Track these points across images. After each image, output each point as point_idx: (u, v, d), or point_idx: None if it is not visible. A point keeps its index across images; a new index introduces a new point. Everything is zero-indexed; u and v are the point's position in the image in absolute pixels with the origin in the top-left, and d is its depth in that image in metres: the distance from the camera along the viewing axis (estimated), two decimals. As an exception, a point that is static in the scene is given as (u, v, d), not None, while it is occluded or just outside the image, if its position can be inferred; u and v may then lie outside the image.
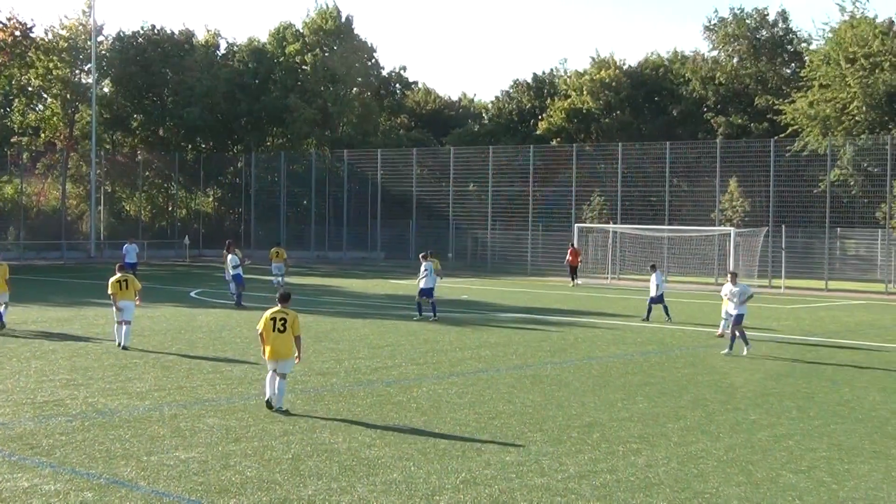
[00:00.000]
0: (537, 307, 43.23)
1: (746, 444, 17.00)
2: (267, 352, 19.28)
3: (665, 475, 14.84)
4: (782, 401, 21.18)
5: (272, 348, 19.18)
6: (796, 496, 13.95)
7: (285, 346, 19.20)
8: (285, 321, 19.13)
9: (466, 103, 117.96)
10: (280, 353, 19.17)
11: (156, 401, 19.93)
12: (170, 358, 25.73)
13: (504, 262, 71.44)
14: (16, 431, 17.04)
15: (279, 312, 19.23)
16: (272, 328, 19.14)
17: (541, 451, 16.20)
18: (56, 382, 21.76)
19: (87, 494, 13.35)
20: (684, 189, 69.87)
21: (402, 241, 78.78)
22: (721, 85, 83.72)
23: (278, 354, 19.17)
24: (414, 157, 78.96)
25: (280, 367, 19.16)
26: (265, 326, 19.22)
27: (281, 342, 19.17)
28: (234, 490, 13.66)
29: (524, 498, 13.54)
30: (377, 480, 14.24)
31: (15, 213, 79.65)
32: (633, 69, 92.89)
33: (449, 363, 25.87)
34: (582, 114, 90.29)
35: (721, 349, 29.17)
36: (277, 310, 19.32)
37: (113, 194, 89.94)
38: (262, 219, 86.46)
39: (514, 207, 72.83)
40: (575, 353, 28.50)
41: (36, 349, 27.06)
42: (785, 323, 38.57)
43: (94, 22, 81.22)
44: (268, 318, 19.23)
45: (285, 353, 19.21)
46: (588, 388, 22.28)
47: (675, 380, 23.74)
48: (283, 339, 19.15)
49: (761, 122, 78.76)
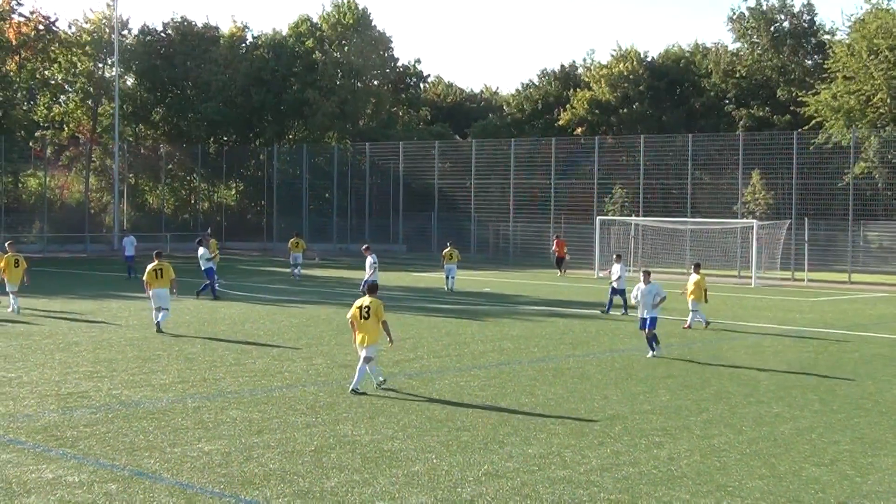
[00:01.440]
0: (559, 300, 43.19)
1: (769, 437, 16.95)
2: (357, 339, 20.60)
3: (688, 468, 14.82)
4: (805, 394, 21.12)
5: (358, 334, 20.57)
6: (819, 489, 13.91)
7: (369, 331, 20.44)
8: (369, 309, 20.45)
9: (489, 95, 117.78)
10: (364, 339, 20.44)
11: (179, 393, 20.00)
12: (193, 350, 25.81)
13: (526, 255, 71.38)
14: (40, 423, 17.13)
15: (366, 301, 20.65)
16: (360, 316, 20.54)
17: (563, 443, 16.19)
18: (80, 374, 21.86)
19: (110, 486, 13.41)
20: (706, 181, 69.68)
21: (423, 233, 78.79)
22: (743, 77, 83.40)
23: (362, 340, 20.45)
24: (436, 150, 78.96)
25: (367, 352, 20.40)
26: (354, 315, 20.65)
27: (365, 328, 20.43)
28: (257, 482, 13.70)
29: (547, 490, 13.54)
30: (399, 473, 14.26)
31: (39, 206, 79.92)
32: (655, 61, 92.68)
33: (471, 356, 25.87)
34: (603, 105, 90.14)
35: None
36: (364, 299, 20.76)
37: (136, 187, 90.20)
38: (285, 211, 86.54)
39: (535, 200, 72.72)
40: (597, 345, 28.47)
41: (60, 341, 27.18)
42: (808, 316, 38.44)
43: (118, 16, 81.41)
44: (356, 308, 20.65)
45: (370, 338, 20.47)
46: (610, 381, 22.26)
47: (698, 373, 23.70)
48: (367, 325, 20.43)
49: (783, 115, 78.46)
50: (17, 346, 26.21)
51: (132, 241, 52.62)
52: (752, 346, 29.07)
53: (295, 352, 25.92)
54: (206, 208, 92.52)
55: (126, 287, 45.15)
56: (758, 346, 28.98)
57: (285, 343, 27.62)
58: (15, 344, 26.54)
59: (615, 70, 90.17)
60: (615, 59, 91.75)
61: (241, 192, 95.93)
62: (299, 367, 23.44)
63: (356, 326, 20.61)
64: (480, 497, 13.21)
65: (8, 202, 78.39)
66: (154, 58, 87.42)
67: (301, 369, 23.08)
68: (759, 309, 40.65)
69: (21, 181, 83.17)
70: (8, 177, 79.33)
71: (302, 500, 12.97)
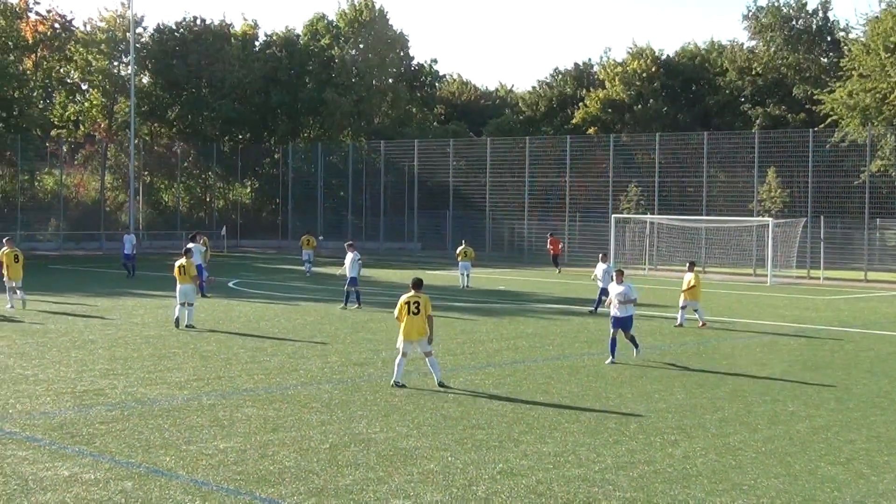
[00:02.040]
0: (574, 298, 43.14)
1: (785, 436, 16.92)
2: (402, 330, 20.88)
3: (703, 466, 14.80)
4: (821, 392, 21.07)
5: (407, 329, 20.81)
6: (835, 488, 13.88)
7: (418, 327, 20.78)
8: (418, 304, 20.82)
9: (503, 93, 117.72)
10: (414, 334, 20.77)
11: (194, 390, 20.05)
12: (208, 348, 25.86)
13: (541, 253, 71.27)
14: (56, 420, 17.18)
15: (413, 297, 20.94)
16: (407, 311, 20.79)
17: (578, 441, 16.19)
18: (96, 372, 21.93)
19: (126, 483, 13.45)
20: (722, 179, 69.54)
21: (438, 231, 78.76)
22: (758, 75, 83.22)
23: (412, 334, 20.79)
24: (450, 148, 78.97)
25: (421, 347, 20.87)
26: (402, 310, 20.90)
27: (414, 323, 20.78)
28: (272, 479, 13.72)
29: (562, 489, 13.54)
30: (414, 471, 14.27)
31: (55, 204, 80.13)
32: (670, 59, 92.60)
33: (485, 354, 25.88)
34: (617, 104, 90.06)
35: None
36: (412, 294, 21.01)
37: (151, 185, 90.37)
38: (300, 209, 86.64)
39: (550, 198, 72.69)
40: (612, 343, 28.42)
41: (76, 339, 27.26)
42: (823, 314, 38.35)
43: (133, 14, 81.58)
44: (403, 302, 20.91)
45: (418, 333, 20.79)
46: (625, 379, 22.24)
47: (713, 371, 23.65)
48: (417, 320, 20.78)
49: (799, 113, 78.26)
50: (34, 343, 26.31)
51: (131, 240, 51.86)
52: (767, 344, 29.01)
53: (310, 349, 25.95)
54: (221, 206, 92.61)
55: (141, 285, 45.19)
56: (773, 344, 28.93)
57: (300, 341, 27.66)
58: (31, 341, 26.63)
59: (630, 68, 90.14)
60: (630, 57, 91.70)
61: (256, 190, 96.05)
62: (314, 364, 23.47)
63: (405, 321, 20.75)
64: (495, 495, 13.22)
65: (24, 200, 78.58)
66: (169, 56, 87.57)
67: (316, 367, 23.11)
68: (775, 307, 40.56)
69: (37, 179, 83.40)
70: (24, 175, 79.54)
71: (317, 497, 12.99)
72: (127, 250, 50.83)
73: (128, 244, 51.11)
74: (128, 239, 51.64)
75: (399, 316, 20.95)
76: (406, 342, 20.81)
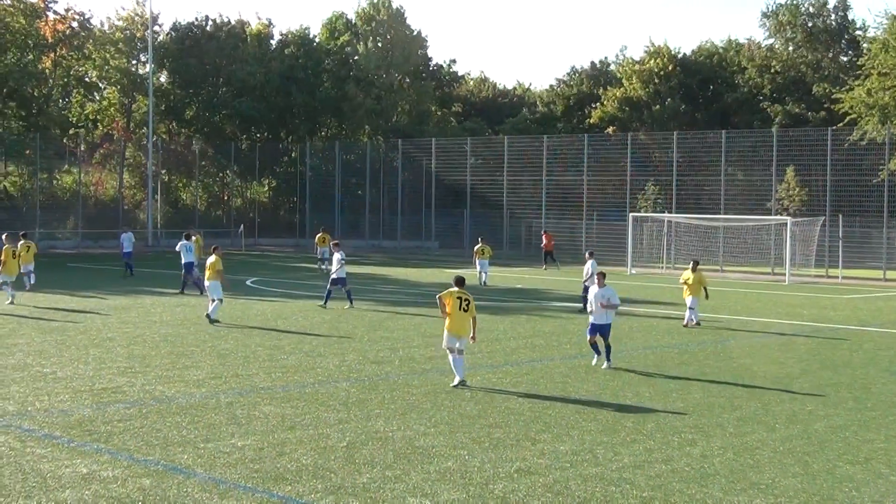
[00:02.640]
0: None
1: (803, 435, 16.88)
2: (449, 325, 20.78)
3: (721, 466, 14.77)
4: (839, 391, 21.01)
5: (455, 324, 20.72)
6: (853, 487, 13.84)
7: (465, 324, 20.76)
8: (469, 302, 20.75)
9: (521, 92, 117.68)
10: (462, 330, 20.75)
11: (212, 388, 20.09)
12: (226, 346, 25.91)
13: (558, 251, 71.17)
14: (75, 418, 17.24)
15: (462, 293, 20.75)
16: (458, 306, 20.70)
17: (595, 440, 16.18)
18: (114, 370, 21.99)
19: (144, 481, 13.48)
20: (740, 178, 69.37)
21: (456, 230, 78.78)
22: (777, 73, 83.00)
23: (460, 331, 20.73)
24: (468, 146, 78.96)
25: (460, 344, 20.71)
26: (452, 302, 20.75)
27: (463, 320, 20.73)
28: (290, 477, 13.74)
29: (579, 487, 13.53)
30: (431, 469, 14.28)
31: (74, 202, 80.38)
32: (687, 57, 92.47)
33: (503, 352, 25.87)
34: (634, 102, 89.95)
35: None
36: (460, 290, 20.90)
37: (169, 184, 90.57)
38: (317, 208, 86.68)
39: (568, 196, 72.64)
40: (630, 342, 28.39)
41: (94, 337, 27.34)
42: (842, 313, 38.23)
43: (150, 12, 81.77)
44: (454, 296, 20.77)
45: (465, 330, 20.78)
46: (643, 378, 22.21)
47: (731, 370, 23.60)
48: (465, 317, 20.74)
49: (818, 111, 78.02)
50: (52, 341, 26.39)
51: (130, 238, 50.64)
52: (785, 343, 28.94)
53: (327, 348, 25.98)
54: (238, 205, 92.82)
55: (159, 283, 45.26)
56: (791, 343, 28.86)
57: (318, 339, 27.69)
58: (50, 339, 26.72)
59: (647, 66, 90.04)
60: (647, 56, 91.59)
61: (274, 188, 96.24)
62: (331, 363, 23.49)
63: (453, 316, 20.66)
64: (512, 493, 13.21)
65: (43, 199, 78.84)
66: (186, 55, 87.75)
67: (333, 365, 23.14)
68: (793, 306, 40.46)
69: (56, 178, 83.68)
70: (43, 174, 79.80)
71: (334, 495, 13.01)
72: (127, 248, 49.77)
73: (126, 242, 49.98)
74: (126, 237, 50.49)
75: (448, 310, 20.71)
76: (452, 337, 20.69)
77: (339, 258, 36.68)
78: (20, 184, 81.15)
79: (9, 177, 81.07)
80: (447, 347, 20.87)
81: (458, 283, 21.03)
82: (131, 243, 50.53)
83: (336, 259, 36.78)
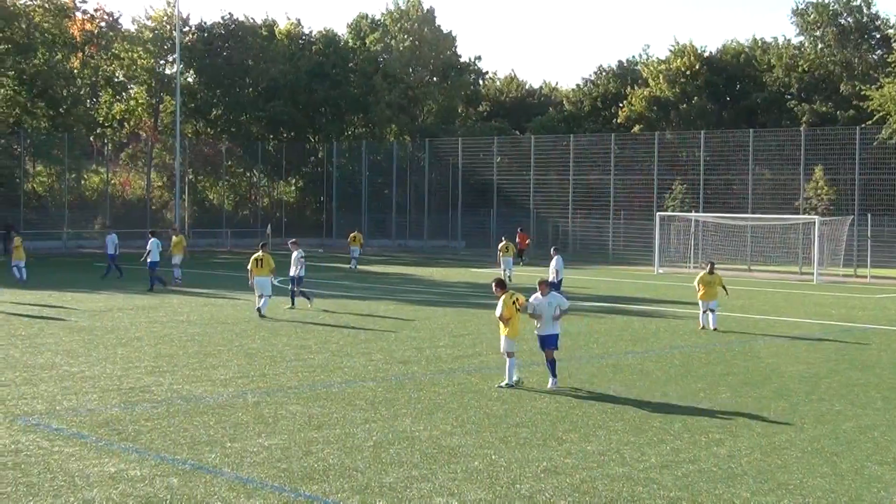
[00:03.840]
0: (618, 296, 43.03)
1: (831, 436, 16.80)
2: (509, 332, 20.59)
3: (748, 466, 14.72)
4: (867, 391, 20.91)
5: (514, 328, 20.67)
6: (882, 488, 13.76)
7: (516, 326, 20.82)
8: (517, 300, 20.76)
9: (548, 91, 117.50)
10: (519, 331, 20.85)
11: (239, 388, 20.14)
12: (253, 346, 25.97)
13: (585, 251, 71.15)
14: (103, 417, 17.31)
15: (514, 296, 20.70)
16: (515, 310, 20.66)
17: (622, 440, 16.14)
18: (141, 369, 22.08)
19: (172, 480, 13.53)
20: (767, 177, 69.10)
21: (482, 229, 78.68)
22: (805, 72, 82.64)
23: (518, 332, 20.85)
24: (495, 146, 78.95)
25: (512, 346, 20.64)
26: (509, 307, 20.60)
27: (516, 323, 20.80)
28: (317, 477, 13.77)
29: (606, 487, 13.51)
30: (458, 469, 14.27)
31: (101, 202, 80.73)
32: (713, 56, 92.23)
33: (529, 352, 25.78)
34: (661, 101, 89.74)
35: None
36: (512, 293, 20.92)
37: (196, 184, 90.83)
38: (344, 208, 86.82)
39: (594, 196, 72.53)
40: (657, 342, 28.34)
41: (122, 336, 27.45)
42: (871, 312, 38.03)
43: (179, 12, 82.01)
44: (509, 301, 20.64)
45: (517, 332, 20.79)
46: (670, 378, 22.15)
47: (759, 370, 23.52)
48: (518, 319, 20.81)
49: (847, 110, 77.63)
50: (80, 340, 26.52)
51: (114, 240, 48.36)
52: (813, 343, 28.81)
53: (354, 347, 26.01)
54: (265, 204, 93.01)
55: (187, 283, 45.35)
56: (819, 343, 28.73)
57: (344, 338, 27.73)
58: (78, 339, 26.85)
59: (673, 65, 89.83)
60: (673, 55, 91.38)
61: (301, 188, 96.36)
62: (358, 362, 23.52)
63: (513, 321, 20.60)
64: (539, 493, 13.20)
65: (71, 199, 79.18)
66: (213, 55, 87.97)
67: (360, 365, 23.17)
68: (821, 306, 40.28)
69: (84, 177, 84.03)
70: (71, 173, 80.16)
71: (361, 495, 13.02)
72: (110, 251, 47.93)
73: (110, 245, 48.09)
74: (110, 239, 48.62)
75: (507, 315, 20.55)
76: (511, 340, 20.59)
77: (297, 256, 36.32)
78: (48, 183, 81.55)
79: (37, 177, 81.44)
80: (507, 352, 20.67)
81: (501, 286, 20.94)
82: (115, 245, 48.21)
83: (294, 258, 36.42)
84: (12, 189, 75.10)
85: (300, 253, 36.82)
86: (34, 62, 75.76)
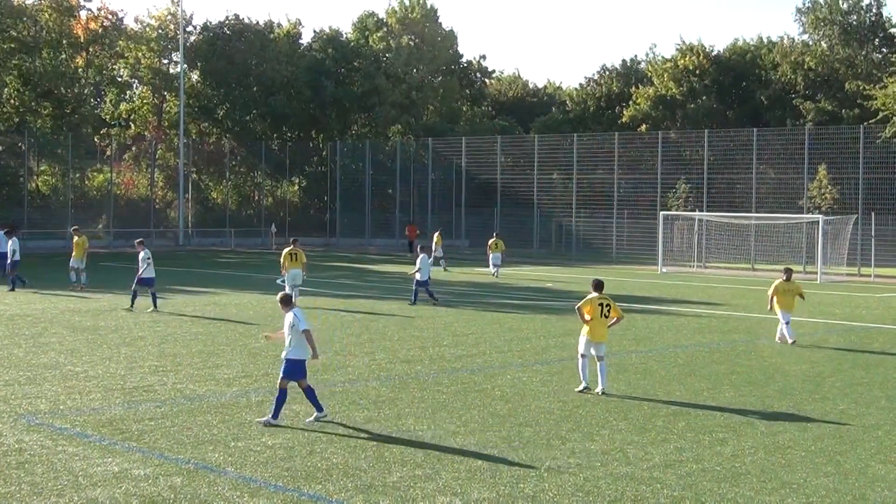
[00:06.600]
0: (622, 295, 42.94)
1: (835, 435, 16.78)
2: (589, 332, 20.43)
3: (752, 465, 14.70)
4: (871, 390, 20.89)
5: (596, 330, 20.44)
6: (885, 487, 13.75)
7: (604, 329, 20.64)
8: (610, 307, 20.55)
9: (552, 90, 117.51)
10: (601, 336, 20.56)
11: (243, 387, 20.14)
12: (256, 345, 25.95)
13: (589, 250, 71.12)
14: (106, 417, 17.32)
15: (604, 298, 20.60)
16: (599, 313, 20.45)
17: (626, 439, 16.13)
18: (145, 369, 22.08)
19: (175, 479, 13.53)
20: (771, 176, 69.07)
21: (486, 228, 78.49)
22: (810, 70, 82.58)
23: (601, 336, 20.52)
24: (498, 145, 78.95)
25: (599, 350, 20.39)
26: (593, 309, 20.45)
27: (602, 326, 20.54)
28: (320, 476, 13.76)
29: (609, 487, 13.50)
30: (461, 468, 14.26)
31: (105, 201, 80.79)
32: (720, 55, 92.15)
33: (533, 351, 25.84)
34: (666, 100, 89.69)
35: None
36: (600, 296, 20.59)
37: (200, 183, 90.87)
38: (347, 207, 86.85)
39: (598, 195, 72.52)
40: (660, 341, 28.33)
41: (125, 336, 27.45)
42: (874, 312, 38.01)
43: (183, 12, 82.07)
44: (595, 302, 20.45)
45: (604, 335, 20.67)
46: (673, 377, 22.14)
47: (762, 369, 23.50)
48: (604, 323, 20.58)
49: (852, 109, 77.57)
50: (84, 340, 26.52)
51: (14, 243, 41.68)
52: (817, 342, 28.80)
53: (357, 347, 26.00)
54: (269, 204, 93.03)
55: (190, 281, 45.35)
56: (823, 342, 28.71)
57: (348, 338, 27.72)
58: (81, 338, 26.85)
59: (680, 64, 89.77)
60: (679, 53, 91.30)
61: (304, 187, 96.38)
62: (361, 361, 23.51)
63: (593, 323, 20.39)
64: (542, 493, 13.19)
65: (75, 198, 79.25)
66: (217, 55, 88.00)
67: (363, 364, 23.16)
68: (825, 305, 40.24)
69: (88, 177, 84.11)
70: (75, 173, 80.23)
71: (364, 494, 13.02)
72: (4, 248, 42.29)
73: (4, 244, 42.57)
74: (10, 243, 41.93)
75: (590, 316, 20.41)
76: (590, 343, 20.39)
77: (144, 257, 35.20)
78: (52, 183, 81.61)
79: (41, 176, 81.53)
80: (582, 353, 20.54)
81: (598, 288, 20.72)
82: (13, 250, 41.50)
83: (141, 258, 35.27)
84: (17, 188, 75.18)
85: (146, 253, 35.35)
86: (38, 62, 75.82)
